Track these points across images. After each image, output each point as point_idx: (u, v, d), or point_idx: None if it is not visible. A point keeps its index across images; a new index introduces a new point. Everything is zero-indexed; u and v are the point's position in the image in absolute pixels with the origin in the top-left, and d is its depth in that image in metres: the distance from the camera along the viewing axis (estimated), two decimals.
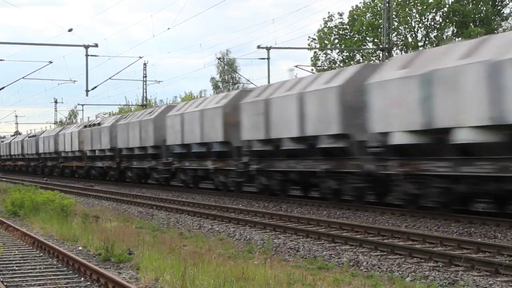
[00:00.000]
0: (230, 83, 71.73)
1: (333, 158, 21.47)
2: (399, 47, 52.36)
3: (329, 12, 56.09)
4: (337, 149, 21.26)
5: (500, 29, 49.19)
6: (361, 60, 51.50)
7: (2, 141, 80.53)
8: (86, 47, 38.12)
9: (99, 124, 46.67)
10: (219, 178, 29.80)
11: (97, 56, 44.04)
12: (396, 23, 51.16)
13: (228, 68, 73.13)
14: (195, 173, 32.57)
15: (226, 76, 75.59)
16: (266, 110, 24.92)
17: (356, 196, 20.99)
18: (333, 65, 53.37)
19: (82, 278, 10.88)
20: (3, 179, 52.95)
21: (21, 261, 12.72)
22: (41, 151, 59.94)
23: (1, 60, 42.64)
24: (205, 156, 30.82)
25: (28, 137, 67.31)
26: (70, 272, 11.47)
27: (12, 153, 73.11)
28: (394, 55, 42.55)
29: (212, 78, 76.36)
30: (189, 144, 32.26)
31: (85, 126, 48.86)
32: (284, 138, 23.86)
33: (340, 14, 54.55)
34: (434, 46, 47.12)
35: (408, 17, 51.83)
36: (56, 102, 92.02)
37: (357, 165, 20.30)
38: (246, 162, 26.50)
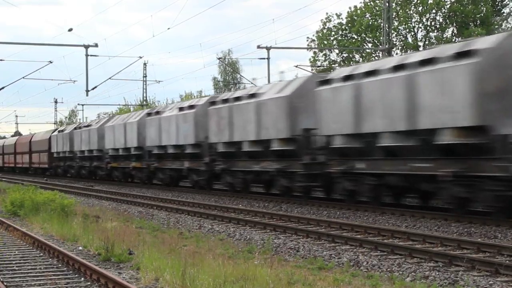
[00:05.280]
0: (232, 83, 71.75)
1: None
2: (399, 47, 52.39)
3: (327, 13, 56.06)
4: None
5: (500, 29, 49.23)
6: (360, 60, 51.52)
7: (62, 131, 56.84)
8: (86, 47, 38.13)
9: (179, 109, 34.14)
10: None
11: (97, 56, 44.04)
12: (396, 23, 51.19)
13: (229, 68, 73.19)
14: (381, 180, 19.94)
15: (228, 76, 75.64)
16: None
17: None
18: (333, 66, 53.39)
19: (82, 278, 10.88)
20: (3, 179, 52.92)
21: (21, 261, 12.73)
22: (91, 147, 47.62)
23: (1, 60, 42.64)
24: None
25: (84, 126, 50.78)
26: (70, 272, 11.47)
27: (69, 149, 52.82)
28: (394, 55, 42.56)
29: (214, 78, 76.49)
30: (375, 134, 19.74)
31: (149, 114, 37.97)
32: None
33: (338, 15, 54.61)
34: (434, 47, 47.17)
35: (408, 17, 51.85)
36: (56, 102, 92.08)
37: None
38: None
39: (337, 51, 55.19)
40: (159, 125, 35.26)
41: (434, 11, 51.03)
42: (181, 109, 33.46)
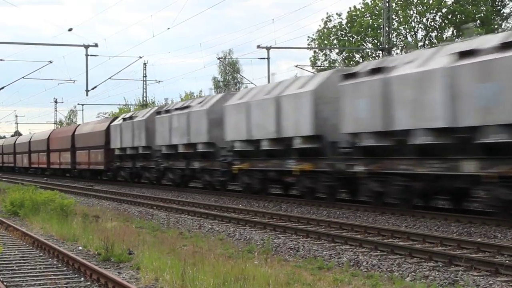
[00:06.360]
0: (232, 83, 71.75)
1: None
2: (399, 47, 52.42)
3: (327, 13, 56.15)
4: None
5: (500, 29, 49.24)
6: (360, 61, 51.53)
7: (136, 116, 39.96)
8: (86, 47, 38.14)
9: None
10: None
11: (97, 56, 44.13)
12: (396, 24, 51.21)
13: (230, 68, 73.22)
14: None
15: (228, 76, 75.66)
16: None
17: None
18: (333, 65, 53.41)
19: (82, 278, 10.88)
20: (3, 179, 52.78)
21: (21, 261, 12.72)
22: (192, 140, 31.21)
23: (1, 60, 42.68)
24: None
25: (177, 109, 33.81)
26: (70, 272, 11.46)
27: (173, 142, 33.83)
28: (394, 55, 42.57)
29: (214, 78, 76.47)
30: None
31: (348, 76, 20.65)
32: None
33: (339, 15, 54.66)
34: (434, 47, 47.22)
35: (408, 18, 51.87)
36: (56, 102, 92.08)
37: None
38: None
39: (337, 50, 55.22)
40: (387, 92, 18.53)
41: (434, 11, 51.06)
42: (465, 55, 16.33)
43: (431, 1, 50.20)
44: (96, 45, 38.14)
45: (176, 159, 33.34)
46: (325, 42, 54.90)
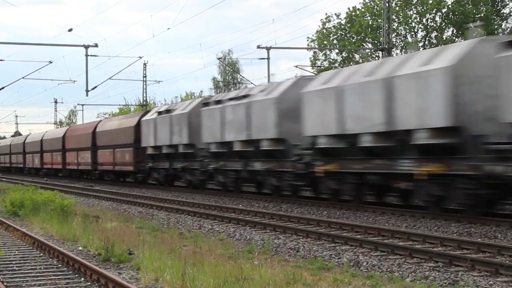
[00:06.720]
0: (231, 83, 71.75)
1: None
2: (399, 47, 52.44)
3: (326, 13, 56.22)
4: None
5: (500, 29, 49.24)
6: (360, 61, 51.54)
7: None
8: (86, 47, 38.11)
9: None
10: None
11: (97, 56, 44.02)
12: (396, 24, 51.23)
13: (229, 69, 73.23)
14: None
15: (227, 77, 75.68)
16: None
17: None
18: (333, 66, 53.42)
19: (82, 278, 10.88)
20: (3, 179, 52.71)
21: (21, 261, 12.72)
22: (260, 135, 25.45)
23: (1, 60, 42.68)
24: None
25: (231, 99, 27.91)
26: (70, 272, 11.46)
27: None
28: (394, 55, 42.59)
29: (214, 78, 76.47)
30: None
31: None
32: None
33: (338, 15, 54.66)
34: (434, 47, 47.27)
35: (408, 18, 51.89)
36: (56, 102, 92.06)
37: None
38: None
39: (337, 51, 55.24)
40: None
41: (434, 11, 51.08)
42: None
43: (430, 1, 50.20)
44: (96, 45, 38.11)
45: (229, 159, 27.78)
46: (325, 42, 54.91)
